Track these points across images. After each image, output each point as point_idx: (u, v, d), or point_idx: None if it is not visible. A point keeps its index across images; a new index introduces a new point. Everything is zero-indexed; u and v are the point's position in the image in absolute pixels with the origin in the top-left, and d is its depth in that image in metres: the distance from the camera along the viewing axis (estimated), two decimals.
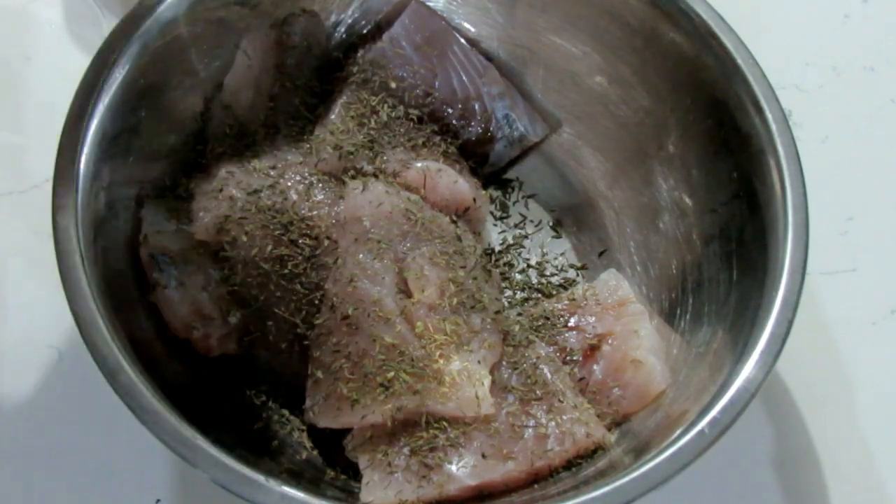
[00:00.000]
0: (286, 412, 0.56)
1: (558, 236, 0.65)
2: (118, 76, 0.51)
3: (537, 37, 0.63)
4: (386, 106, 0.61)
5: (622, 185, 0.63)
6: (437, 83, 0.62)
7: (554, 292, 0.62)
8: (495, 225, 0.66)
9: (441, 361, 0.51)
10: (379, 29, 0.63)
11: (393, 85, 0.61)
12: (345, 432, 0.52)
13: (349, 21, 0.63)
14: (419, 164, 0.59)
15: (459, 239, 0.57)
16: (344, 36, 0.63)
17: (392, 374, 0.50)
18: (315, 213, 0.55)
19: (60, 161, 0.48)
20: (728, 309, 0.52)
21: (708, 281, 0.55)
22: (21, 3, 0.70)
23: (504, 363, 0.54)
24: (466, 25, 0.64)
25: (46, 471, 0.57)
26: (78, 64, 0.51)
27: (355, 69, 0.61)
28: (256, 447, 0.51)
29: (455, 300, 0.53)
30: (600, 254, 0.64)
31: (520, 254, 0.65)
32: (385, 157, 0.58)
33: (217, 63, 0.58)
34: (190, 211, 0.55)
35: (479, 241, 0.60)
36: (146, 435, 0.44)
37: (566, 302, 0.59)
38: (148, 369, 0.46)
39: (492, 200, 0.66)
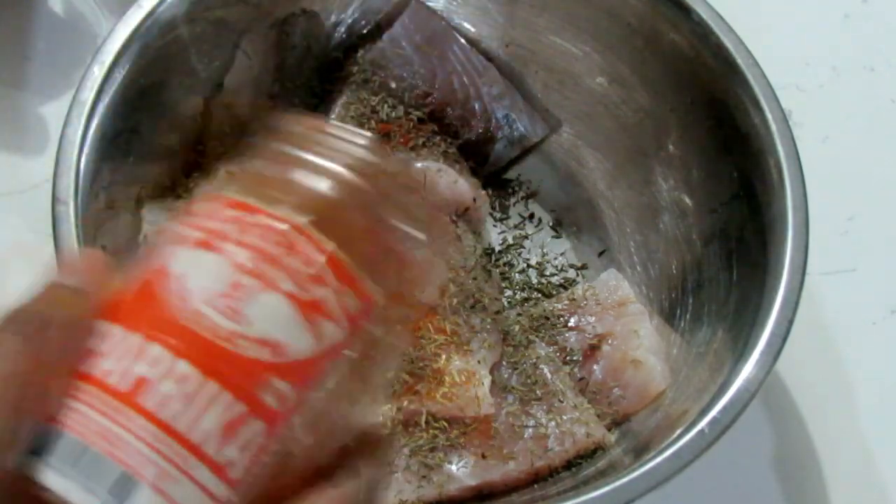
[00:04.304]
0: None
1: (558, 236, 0.65)
2: (118, 76, 0.51)
3: (537, 37, 0.63)
4: (386, 106, 0.60)
5: (622, 185, 0.63)
6: (437, 83, 0.62)
7: (554, 292, 0.62)
8: (495, 225, 0.66)
9: (441, 361, 0.51)
10: (379, 29, 0.63)
11: (393, 85, 0.61)
12: None
13: (349, 21, 0.63)
14: (419, 165, 0.59)
15: (459, 239, 0.57)
16: (344, 36, 0.63)
17: (392, 374, 0.50)
18: None
19: (60, 161, 0.48)
20: (728, 309, 0.52)
21: (708, 281, 0.55)
22: (20, 3, 0.70)
23: (504, 363, 0.54)
24: (466, 25, 0.64)
25: None
26: (77, 64, 0.51)
27: (355, 69, 0.61)
28: None
29: (455, 300, 0.53)
30: (600, 254, 0.64)
31: (520, 254, 0.64)
32: None
33: (217, 63, 0.58)
34: None
35: (479, 241, 0.60)
36: None
37: (566, 302, 0.59)
38: None
39: (492, 200, 0.66)
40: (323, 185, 0.26)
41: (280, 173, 0.26)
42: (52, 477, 0.23)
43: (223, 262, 0.24)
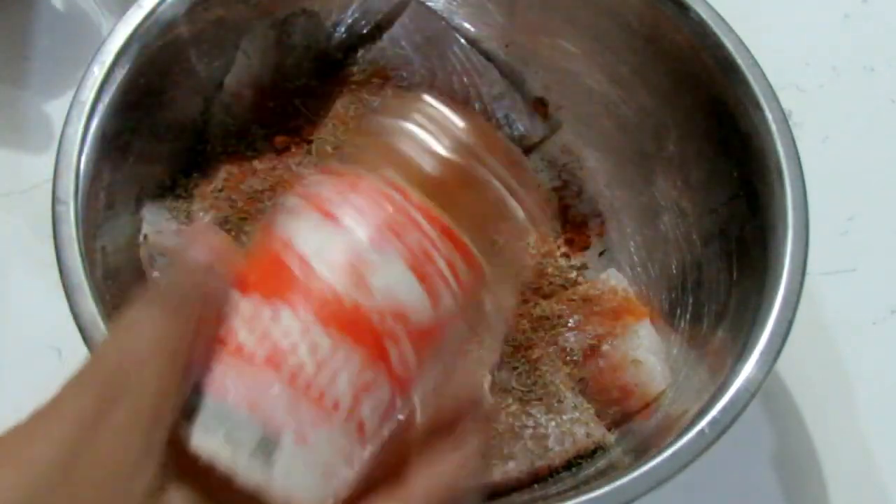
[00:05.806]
0: None
1: (558, 236, 0.65)
2: (118, 76, 0.51)
3: (537, 37, 0.63)
4: None
5: (622, 185, 0.63)
6: (436, 83, 0.62)
7: (554, 292, 0.62)
8: None
9: None
10: (379, 29, 0.63)
11: (393, 85, 0.61)
12: None
13: (349, 21, 0.63)
14: None
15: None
16: (344, 36, 0.63)
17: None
18: None
19: (60, 161, 0.48)
20: (728, 309, 0.52)
21: (708, 281, 0.55)
22: (21, 2, 0.70)
23: (504, 363, 0.54)
24: (466, 25, 0.64)
25: None
26: (77, 64, 0.51)
27: (355, 69, 0.61)
28: None
29: None
30: (600, 254, 0.64)
31: None
32: None
33: (217, 63, 0.58)
34: (190, 211, 0.55)
35: None
36: None
37: (566, 302, 0.59)
38: None
39: None
40: (428, 162, 0.27)
41: (386, 145, 0.28)
42: (201, 437, 0.25)
43: (345, 235, 0.26)
